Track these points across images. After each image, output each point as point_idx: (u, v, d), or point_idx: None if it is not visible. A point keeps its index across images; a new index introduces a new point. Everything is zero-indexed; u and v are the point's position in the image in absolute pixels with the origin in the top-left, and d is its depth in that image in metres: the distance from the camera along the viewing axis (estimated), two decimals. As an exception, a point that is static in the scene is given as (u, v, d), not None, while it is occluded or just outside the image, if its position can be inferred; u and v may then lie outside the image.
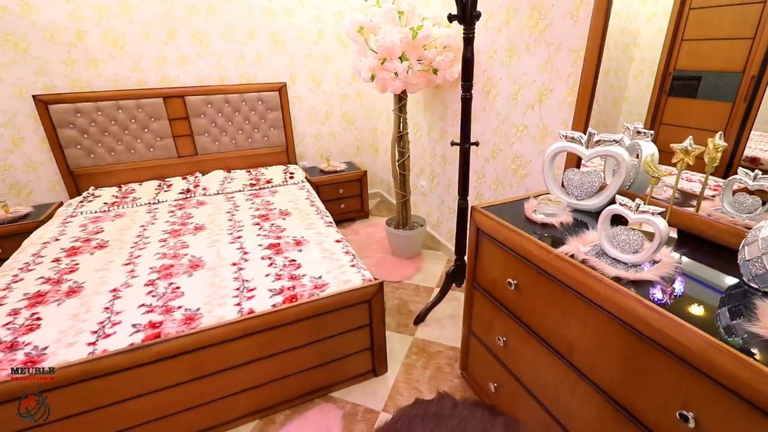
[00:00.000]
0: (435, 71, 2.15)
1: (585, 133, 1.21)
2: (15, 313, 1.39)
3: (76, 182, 2.61)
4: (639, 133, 1.20)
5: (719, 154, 0.99)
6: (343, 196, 3.10)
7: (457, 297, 2.18)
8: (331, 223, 2.10)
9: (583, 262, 0.96)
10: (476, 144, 1.78)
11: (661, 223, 0.89)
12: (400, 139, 2.37)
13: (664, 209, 0.92)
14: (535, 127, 1.70)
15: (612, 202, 1.12)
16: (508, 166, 1.91)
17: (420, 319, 2.05)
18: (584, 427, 1.02)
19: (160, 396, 1.26)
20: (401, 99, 2.31)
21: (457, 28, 1.79)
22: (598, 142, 1.19)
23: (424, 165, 2.77)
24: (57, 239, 1.96)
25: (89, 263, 1.71)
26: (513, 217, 1.23)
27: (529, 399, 1.21)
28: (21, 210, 2.41)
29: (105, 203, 2.38)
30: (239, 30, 2.78)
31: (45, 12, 2.32)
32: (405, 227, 2.58)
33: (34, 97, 2.38)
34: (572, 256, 0.99)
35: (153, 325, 1.29)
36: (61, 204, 2.54)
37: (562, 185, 1.33)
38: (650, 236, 0.93)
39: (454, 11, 1.54)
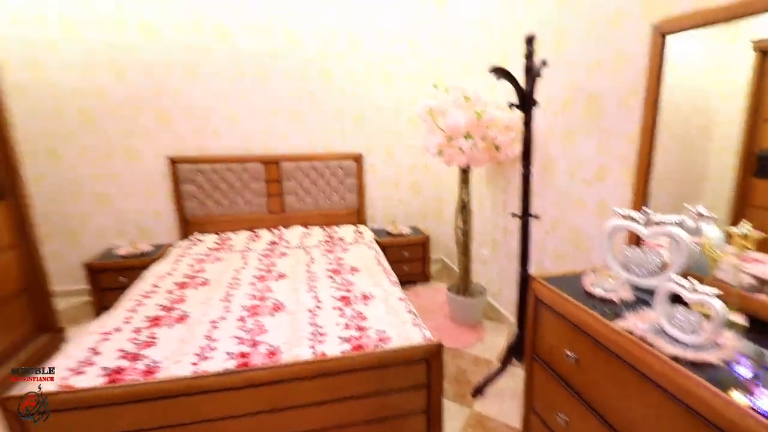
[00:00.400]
0: (497, 148, 2.36)
1: (643, 213, 1.29)
2: (138, 331, 1.71)
3: (186, 228, 3.12)
4: (701, 215, 1.25)
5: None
6: (407, 259, 3.28)
7: (518, 373, 2.13)
8: (395, 282, 2.27)
9: (641, 338, 1.00)
10: (536, 217, 1.90)
11: (718, 304, 0.93)
12: (463, 208, 2.55)
13: (720, 291, 0.96)
14: (594, 203, 1.79)
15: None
16: (570, 239, 1.98)
17: (478, 391, 2.03)
18: None
19: (243, 422, 1.43)
20: (465, 172, 2.53)
21: (518, 111, 2.01)
22: (658, 222, 1.27)
23: (485, 234, 2.89)
24: (170, 274, 2.36)
25: (194, 297, 2.04)
26: (572, 289, 1.31)
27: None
28: (143, 248, 2.94)
29: (208, 248, 2.81)
30: (331, 110, 3.30)
31: (186, 95, 3.01)
32: (466, 294, 2.65)
33: (168, 158, 3.01)
34: (630, 332, 1.04)
35: (243, 354, 1.51)
36: (171, 245, 3.04)
37: (623, 262, 1.38)
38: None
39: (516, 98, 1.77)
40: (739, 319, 1.09)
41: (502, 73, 1.72)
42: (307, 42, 3.15)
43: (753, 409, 0.75)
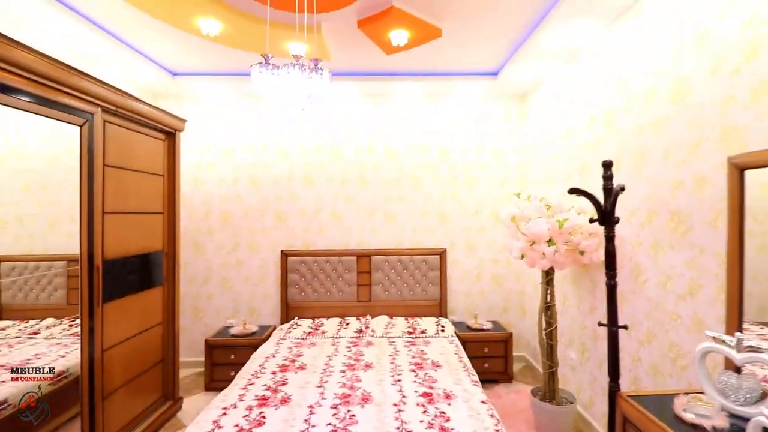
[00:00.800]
0: (582, 253, 2.42)
1: (736, 337, 1.28)
2: (249, 409, 2.00)
3: (287, 311, 3.56)
4: None
5: None
6: (488, 356, 3.25)
7: (615, 499, 1.94)
8: (477, 382, 2.30)
9: (735, 475, 0.98)
10: (625, 327, 1.88)
11: (820, 450, 0.90)
12: (548, 309, 2.57)
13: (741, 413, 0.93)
14: (689, 318, 1.74)
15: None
16: (665, 353, 1.89)
17: None
18: None
19: None
20: (548, 274, 2.59)
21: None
22: (752, 347, 1.24)
23: (573, 336, 2.79)
24: (273, 356, 2.70)
25: (294, 380, 2.32)
26: (661, 411, 1.29)
27: None
28: (251, 328, 3.39)
29: (304, 332, 3.16)
30: (419, 210, 3.70)
31: (301, 199, 3.66)
32: (552, 401, 2.53)
33: (282, 251, 3.58)
34: (724, 466, 1.02)
35: (337, 442, 1.68)
36: (274, 328, 3.45)
37: (720, 387, 1.33)
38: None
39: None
40: None
41: (580, 192, 1.90)
42: (402, 155, 3.70)
43: None
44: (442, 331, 3.20)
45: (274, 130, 3.67)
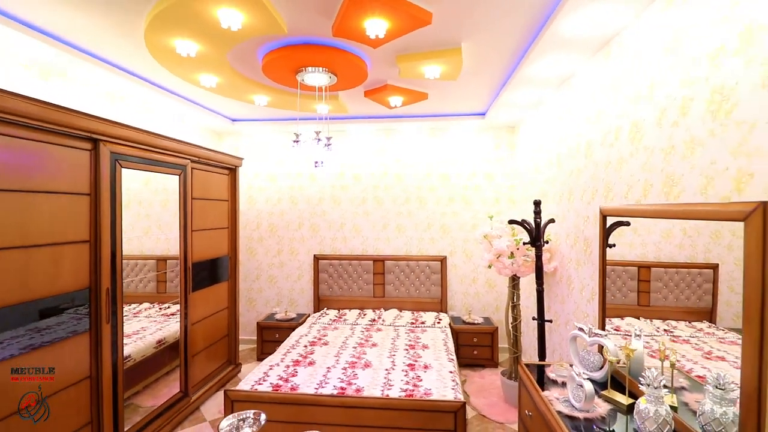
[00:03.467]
0: (539, 265, 3.11)
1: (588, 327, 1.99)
2: (287, 367, 2.92)
3: (318, 303, 4.49)
4: (637, 336, 1.90)
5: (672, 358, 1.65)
6: (477, 345, 3.99)
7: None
8: (452, 359, 3.08)
9: (551, 402, 1.73)
10: (550, 321, 2.59)
11: (587, 385, 1.63)
12: (513, 308, 3.28)
13: (589, 377, 1.64)
14: (592, 316, 2.42)
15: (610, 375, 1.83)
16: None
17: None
18: None
19: (337, 429, 2.43)
20: (514, 279, 3.30)
21: (553, 240, 2.79)
22: (596, 334, 1.95)
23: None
24: (306, 335, 3.63)
25: (319, 351, 3.22)
26: (538, 373, 2.03)
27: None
28: (291, 315, 4.36)
29: (330, 319, 4.07)
30: (424, 224, 4.48)
31: (329, 214, 4.57)
32: (514, 378, 3.24)
33: (315, 255, 4.52)
34: (546, 397, 1.76)
35: (342, 389, 2.55)
36: (308, 315, 4.40)
37: (580, 359, 2.04)
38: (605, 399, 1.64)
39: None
40: (624, 399, 1.70)
41: (517, 223, 2.63)
42: (409, 179, 4.51)
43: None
44: (439, 322, 3.98)
45: (306, 160, 4.61)
